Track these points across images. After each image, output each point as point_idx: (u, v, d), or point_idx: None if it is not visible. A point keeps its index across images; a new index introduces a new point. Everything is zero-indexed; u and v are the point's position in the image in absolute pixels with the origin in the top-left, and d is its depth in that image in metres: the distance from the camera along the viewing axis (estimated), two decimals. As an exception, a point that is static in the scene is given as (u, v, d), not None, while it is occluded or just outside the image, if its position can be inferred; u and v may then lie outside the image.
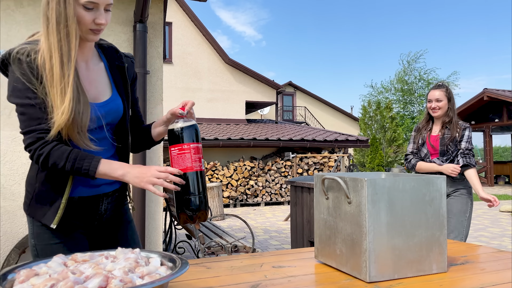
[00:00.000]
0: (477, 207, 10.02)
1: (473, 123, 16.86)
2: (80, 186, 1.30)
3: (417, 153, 3.13)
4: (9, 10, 3.21)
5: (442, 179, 1.10)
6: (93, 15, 1.19)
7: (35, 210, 1.28)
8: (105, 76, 1.35)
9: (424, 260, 1.07)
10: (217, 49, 14.90)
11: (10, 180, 3.21)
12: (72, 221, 1.30)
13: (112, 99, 1.33)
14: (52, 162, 1.16)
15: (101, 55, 1.37)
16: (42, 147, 1.16)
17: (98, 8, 1.19)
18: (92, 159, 1.17)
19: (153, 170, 1.15)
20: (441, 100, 2.98)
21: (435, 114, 2.99)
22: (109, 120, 1.32)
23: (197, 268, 1.16)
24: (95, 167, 1.16)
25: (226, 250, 3.79)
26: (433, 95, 3.02)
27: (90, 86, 1.28)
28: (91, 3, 1.17)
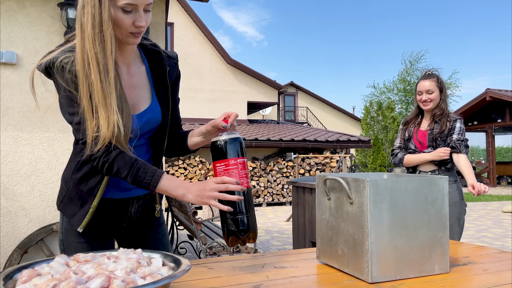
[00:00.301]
0: (479, 208, 10.00)
1: (476, 124, 16.82)
2: (112, 189, 1.28)
3: (405, 148, 2.87)
4: (11, 11, 3.22)
5: (444, 179, 1.09)
6: (132, 18, 1.12)
7: (66, 208, 1.28)
8: (146, 80, 1.29)
9: (426, 261, 1.06)
10: (218, 49, 14.90)
11: (12, 180, 3.21)
12: (101, 222, 1.30)
13: (151, 108, 1.27)
14: (115, 169, 1.13)
15: (143, 57, 1.31)
16: (106, 154, 1.13)
17: (137, 10, 1.12)
18: (154, 173, 1.13)
19: (211, 184, 1.09)
20: (432, 91, 2.69)
21: (426, 107, 2.71)
22: (147, 129, 1.28)
23: (198, 268, 1.16)
24: (156, 182, 1.12)
25: (228, 251, 3.79)
26: (423, 86, 2.72)
27: (130, 92, 1.24)
28: (130, 5, 1.10)
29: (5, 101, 3.20)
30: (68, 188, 1.28)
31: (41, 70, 1.17)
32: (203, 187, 1.09)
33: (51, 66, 1.14)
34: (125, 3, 1.09)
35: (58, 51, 1.16)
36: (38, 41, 3.28)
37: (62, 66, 1.12)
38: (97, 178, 1.23)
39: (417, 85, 2.79)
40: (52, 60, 1.13)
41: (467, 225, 7.61)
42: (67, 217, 1.28)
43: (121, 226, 1.36)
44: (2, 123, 3.19)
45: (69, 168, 1.29)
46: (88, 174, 1.24)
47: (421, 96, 2.72)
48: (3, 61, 3.15)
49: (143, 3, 1.12)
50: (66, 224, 1.30)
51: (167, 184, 1.13)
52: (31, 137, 3.26)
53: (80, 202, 1.26)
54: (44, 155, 3.29)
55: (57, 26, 3.32)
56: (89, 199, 1.25)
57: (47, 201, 3.29)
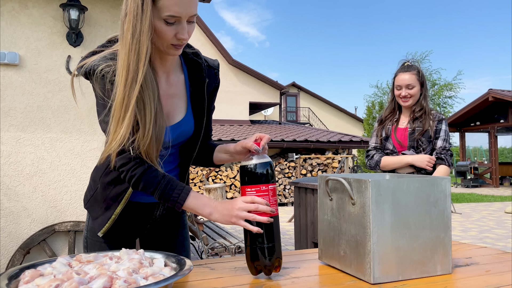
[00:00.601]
0: (482, 208, 9.98)
1: (478, 124, 16.79)
2: (139, 192, 1.27)
3: (381, 149, 2.56)
4: (13, 11, 3.23)
5: (446, 180, 1.09)
6: (175, 30, 1.08)
7: (91, 209, 1.29)
8: (183, 91, 1.26)
9: (428, 262, 1.06)
10: (220, 50, 14.92)
11: (15, 181, 3.22)
12: (126, 224, 1.30)
13: (185, 120, 1.25)
14: (142, 186, 1.11)
15: (183, 66, 1.27)
16: (134, 169, 1.11)
17: (181, 22, 1.08)
18: (181, 190, 1.10)
19: (240, 203, 1.04)
20: (412, 86, 2.38)
21: (406, 103, 2.41)
22: (178, 141, 1.26)
23: (200, 269, 1.16)
24: (183, 200, 1.09)
25: (230, 251, 3.79)
26: (402, 80, 2.39)
27: (166, 101, 1.21)
28: (173, 17, 1.05)
29: (8, 102, 3.21)
30: (96, 189, 1.28)
31: (81, 74, 1.14)
32: (231, 206, 1.06)
33: (91, 73, 1.11)
34: (168, 14, 1.04)
35: (100, 56, 1.12)
36: (40, 42, 3.29)
37: (103, 75, 1.09)
38: (124, 185, 1.23)
39: (395, 78, 2.46)
40: (93, 67, 1.10)
41: (469, 225, 7.60)
42: (91, 217, 1.29)
43: (145, 228, 1.37)
44: (4, 123, 3.20)
45: (99, 169, 1.28)
46: (116, 180, 1.23)
47: (400, 91, 2.41)
48: (5, 62, 3.16)
49: (186, 15, 1.07)
50: (92, 223, 1.31)
51: (194, 202, 1.10)
52: (33, 137, 3.27)
53: (105, 206, 1.26)
54: (46, 155, 3.30)
55: (59, 27, 3.33)
56: (113, 204, 1.24)
57: (49, 201, 3.30)
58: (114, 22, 3.47)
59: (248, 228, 1.03)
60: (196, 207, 1.10)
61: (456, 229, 7.22)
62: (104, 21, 3.45)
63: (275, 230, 1.05)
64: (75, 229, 3.30)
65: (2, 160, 3.19)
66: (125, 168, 1.12)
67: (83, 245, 1.34)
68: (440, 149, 2.37)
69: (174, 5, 1.04)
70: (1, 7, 3.20)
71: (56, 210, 3.32)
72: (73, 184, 3.37)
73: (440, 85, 28.38)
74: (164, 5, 1.03)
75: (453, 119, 17.23)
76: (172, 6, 1.04)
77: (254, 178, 1.04)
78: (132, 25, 1.03)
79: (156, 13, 1.05)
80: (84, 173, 3.39)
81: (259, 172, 1.04)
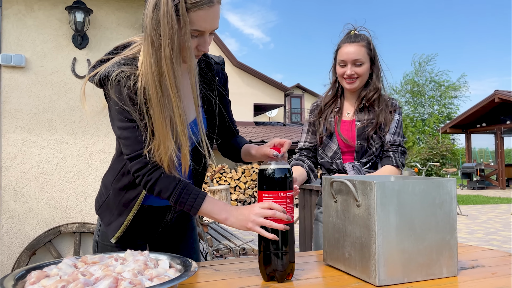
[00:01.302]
0: (488, 210, 9.92)
1: (484, 125, 16.69)
2: (152, 196, 1.28)
3: (313, 151, 1.91)
4: (20, 14, 3.25)
5: (452, 181, 1.09)
6: (197, 42, 1.10)
7: (104, 215, 1.30)
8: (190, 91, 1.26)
9: (434, 264, 1.06)
10: (225, 51, 14.94)
11: (21, 182, 3.24)
12: (137, 228, 1.31)
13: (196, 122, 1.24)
14: (158, 190, 1.11)
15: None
16: (150, 173, 1.11)
17: (203, 35, 1.10)
18: (197, 195, 1.10)
19: (257, 209, 1.04)
20: (361, 62, 1.73)
21: (352, 85, 1.76)
22: (191, 142, 1.24)
23: (205, 270, 1.16)
24: (199, 205, 1.09)
25: (235, 253, 3.79)
26: (347, 53, 1.73)
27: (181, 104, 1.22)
28: (198, 31, 1.07)
29: (14, 104, 3.23)
30: (108, 195, 1.28)
31: (95, 82, 1.15)
32: (247, 211, 1.05)
33: (105, 79, 1.11)
34: (194, 29, 1.06)
35: (112, 62, 1.13)
36: (46, 44, 3.31)
37: (118, 80, 1.10)
38: (136, 191, 1.23)
39: (337, 52, 1.80)
40: (107, 73, 1.11)
41: (476, 228, 7.55)
42: (104, 223, 1.30)
43: (156, 231, 1.37)
44: (10, 125, 3.23)
45: (110, 175, 1.29)
46: (127, 186, 1.24)
47: (343, 68, 1.75)
48: (11, 64, 3.18)
49: (210, 29, 1.09)
50: (104, 228, 1.31)
51: (210, 207, 1.10)
52: (39, 139, 3.29)
53: (117, 212, 1.26)
54: (52, 157, 3.32)
55: (65, 29, 3.35)
56: (125, 210, 1.25)
57: (55, 203, 3.32)
58: (119, 25, 3.49)
59: (263, 235, 1.03)
60: (211, 212, 1.10)
61: (462, 231, 7.18)
62: (109, 23, 3.47)
63: (289, 237, 1.05)
64: (81, 230, 3.31)
65: (8, 162, 3.21)
66: (141, 173, 1.12)
67: (93, 249, 1.33)
68: (388, 144, 1.77)
69: (201, 20, 1.05)
70: (7, 10, 3.22)
71: (61, 212, 3.33)
72: (79, 185, 3.38)
73: (446, 87, 28.22)
74: (192, 20, 1.04)
75: (459, 120, 17.14)
76: (199, 21, 1.05)
77: (272, 184, 1.04)
78: (169, 38, 1.02)
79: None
80: (90, 174, 3.41)
81: (277, 178, 1.04)
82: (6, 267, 3.19)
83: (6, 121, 3.21)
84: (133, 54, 1.15)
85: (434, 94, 28.22)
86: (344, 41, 1.78)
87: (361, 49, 1.74)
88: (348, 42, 1.76)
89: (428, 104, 28.27)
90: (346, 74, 1.75)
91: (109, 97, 1.13)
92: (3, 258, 3.19)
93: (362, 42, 1.75)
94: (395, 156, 1.76)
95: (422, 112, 28.44)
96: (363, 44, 1.75)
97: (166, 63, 1.05)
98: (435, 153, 20.68)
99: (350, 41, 1.76)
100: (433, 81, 28.21)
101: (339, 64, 1.77)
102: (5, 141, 3.21)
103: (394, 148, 1.77)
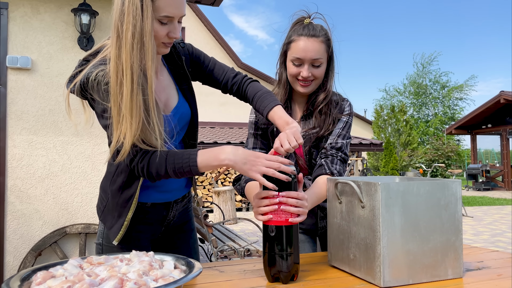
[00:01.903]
0: (494, 212, 9.85)
1: (490, 126, 16.59)
2: (154, 192, 1.31)
3: None
4: (26, 16, 3.28)
5: (457, 183, 1.08)
6: (167, 29, 1.13)
7: (106, 219, 1.31)
8: (170, 79, 1.32)
9: (439, 265, 1.05)
10: (229, 53, 14.97)
11: (27, 183, 3.26)
12: (141, 227, 1.32)
13: (180, 103, 1.30)
14: (155, 171, 1.12)
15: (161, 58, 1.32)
16: (141, 160, 1.13)
17: (173, 22, 1.14)
18: (189, 154, 1.10)
19: (262, 158, 1.04)
20: (320, 62, 1.42)
21: (306, 90, 1.46)
22: (182, 126, 1.31)
23: (210, 271, 1.16)
24: (194, 161, 1.09)
25: (239, 254, 3.79)
26: (304, 50, 1.40)
27: (161, 94, 1.26)
28: (167, 17, 1.11)
29: (20, 106, 3.25)
30: (108, 199, 1.30)
31: (76, 91, 1.16)
32: (252, 158, 1.05)
33: (85, 83, 1.13)
34: (163, 15, 1.09)
35: (89, 66, 1.14)
36: (52, 46, 3.33)
37: (98, 81, 1.11)
38: (131, 189, 1.25)
39: (290, 45, 1.45)
40: (86, 76, 1.12)
41: (481, 229, 7.50)
42: (106, 228, 1.31)
43: (159, 231, 1.38)
44: (17, 127, 3.25)
45: (107, 179, 1.31)
46: (123, 186, 1.25)
47: (299, 68, 1.43)
48: (18, 66, 3.21)
49: (179, 15, 1.13)
50: (107, 232, 1.32)
51: (206, 157, 1.09)
52: (45, 140, 3.31)
53: (117, 214, 1.28)
54: (58, 158, 3.34)
55: (71, 32, 3.37)
56: (124, 211, 1.26)
57: (60, 204, 3.33)
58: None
59: (265, 184, 1.03)
60: (209, 160, 1.09)
61: (467, 233, 7.13)
62: (114, 25, 3.49)
63: (294, 237, 1.05)
64: (86, 231, 3.33)
65: (14, 163, 3.23)
66: (134, 163, 1.14)
67: (97, 252, 1.34)
68: (328, 146, 1.46)
69: (169, 6, 1.09)
70: (14, 12, 3.25)
71: (67, 213, 3.35)
72: (84, 186, 3.40)
73: (450, 88, 28.06)
74: (160, 6, 1.08)
75: (464, 121, 17.05)
76: (167, 7, 1.09)
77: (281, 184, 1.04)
78: (132, 26, 1.06)
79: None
80: (95, 175, 3.42)
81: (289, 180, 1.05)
82: (12, 268, 3.21)
83: (13, 122, 3.23)
84: (107, 55, 1.17)
85: (437, 95, 28.11)
86: (299, 32, 1.42)
87: (321, 46, 1.42)
88: (305, 35, 1.41)
89: (432, 105, 28.17)
90: (301, 76, 1.43)
91: (93, 100, 1.15)
92: (9, 259, 3.21)
93: (321, 37, 1.42)
94: (327, 162, 1.43)
95: (426, 113, 28.35)
96: (322, 40, 1.42)
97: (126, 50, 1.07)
98: (440, 154, 20.59)
99: (309, 34, 1.41)
100: (437, 82, 28.10)
101: (292, 61, 1.43)
102: (12, 143, 3.23)
103: (334, 152, 1.45)
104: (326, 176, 1.36)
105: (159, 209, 1.34)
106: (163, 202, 1.34)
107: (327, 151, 1.46)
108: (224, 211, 8.44)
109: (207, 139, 10.82)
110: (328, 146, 1.46)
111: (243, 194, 1.44)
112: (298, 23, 1.46)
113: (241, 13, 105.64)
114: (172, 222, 1.40)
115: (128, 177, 1.24)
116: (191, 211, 1.49)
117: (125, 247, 1.30)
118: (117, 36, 1.08)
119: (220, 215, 8.25)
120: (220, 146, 1.10)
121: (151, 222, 1.34)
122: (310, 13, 1.48)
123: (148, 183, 1.29)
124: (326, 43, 1.43)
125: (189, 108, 1.32)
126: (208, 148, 1.13)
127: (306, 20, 1.45)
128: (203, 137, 11.05)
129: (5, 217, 3.21)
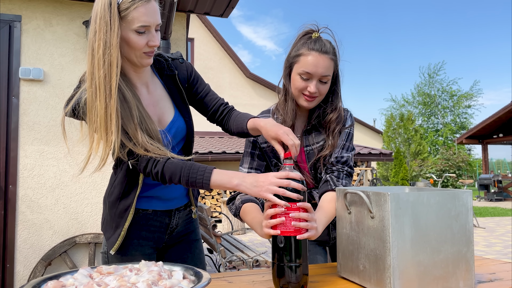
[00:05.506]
0: (507, 223, 9.69)
1: (501, 136, 16.40)
2: (155, 201, 1.33)
3: None
4: (38, 29, 3.34)
5: (468, 193, 1.07)
6: (146, 38, 1.17)
7: (105, 230, 1.34)
8: (164, 92, 1.34)
9: (450, 277, 1.04)
10: (238, 63, 15.06)
11: (38, 193, 3.29)
12: (143, 234, 1.33)
13: (176, 118, 1.32)
14: (168, 177, 1.16)
15: (154, 70, 1.35)
16: (155, 166, 1.17)
17: (150, 30, 1.17)
18: (204, 170, 1.14)
19: (272, 177, 1.05)
20: (327, 79, 1.41)
21: (310, 104, 1.43)
22: (178, 139, 1.34)
23: (218, 282, 1.16)
24: (208, 179, 1.12)
25: (248, 265, 3.77)
26: (315, 65, 1.37)
27: (154, 109, 1.29)
28: (143, 27, 1.14)
29: (32, 116, 3.30)
30: (106, 210, 1.33)
31: (69, 115, 1.23)
32: (262, 179, 1.07)
33: (77, 108, 1.19)
34: (139, 25, 1.13)
35: (81, 90, 1.20)
36: (64, 58, 3.39)
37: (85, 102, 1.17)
38: (128, 201, 1.27)
39: (298, 58, 1.40)
40: (77, 102, 1.18)
41: (494, 240, 7.38)
42: (105, 238, 1.33)
43: (163, 239, 1.39)
44: (28, 137, 3.29)
45: (106, 191, 1.35)
46: (120, 197, 1.28)
47: (306, 83, 1.39)
48: (30, 77, 3.26)
49: (154, 23, 1.17)
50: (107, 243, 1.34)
51: (219, 178, 1.12)
52: (56, 150, 3.35)
53: (114, 224, 1.30)
54: (68, 168, 3.37)
55: (82, 43, 3.43)
56: (121, 221, 1.28)
57: (70, 213, 3.36)
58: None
59: (276, 202, 1.03)
60: (222, 182, 1.12)
61: (479, 244, 7.02)
62: (125, 37, 3.54)
63: (303, 249, 1.05)
64: (95, 241, 3.34)
65: (26, 173, 3.27)
66: (148, 169, 1.17)
67: (103, 261, 1.35)
68: (335, 161, 1.45)
69: (143, 15, 1.13)
70: (27, 25, 3.31)
71: (77, 222, 3.37)
72: (94, 196, 3.42)
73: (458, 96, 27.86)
74: (134, 17, 1.12)
75: (475, 131, 16.88)
76: (142, 16, 1.13)
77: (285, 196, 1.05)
78: (103, 42, 1.11)
79: (126, 26, 1.13)
80: (105, 185, 3.45)
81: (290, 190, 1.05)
82: (22, 278, 3.23)
83: (25, 133, 3.28)
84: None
85: (446, 105, 27.92)
86: (310, 46, 1.39)
87: (331, 64, 1.40)
88: (317, 50, 1.38)
89: (442, 114, 27.97)
90: (308, 91, 1.39)
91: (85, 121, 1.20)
92: (20, 268, 3.23)
93: (331, 54, 1.40)
94: (332, 178, 1.41)
95: (436, 122, 28.14)
96: (332, 57, 1.40)
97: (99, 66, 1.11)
98: (451, 164, 20.37)
99: (320, 50, 1.38)
100: (445, 91, 27.93)
101: (300, 74, 1.39)
102: (23, 153, 3.27)
103: (340, 167, 1.44)
104: (330, 193, 1.37)
105: (161, 217, 1.35)
106: (164, 209, 1.35)
107: (333, 166, 1.45)
108: (233, 221, 8.42)
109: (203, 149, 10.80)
110: (334, 161, 1.45)
111: (238, 214, 1.39)
112: (305, 35, 1.44)
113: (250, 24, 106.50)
114: (176, 231, 1.40)
115: (124, 188, 1.26)
116: (195, 221, 1.50)
117: (128, 254, 1.31)
118: (91, 54, 1.13)
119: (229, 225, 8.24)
120: (234, 172, 1.14)
121: (153, 230, 1.35)
122: (319, 27, 1.45)
123: (149, 193, 1.31)
124: (334, 60, 1.42)
125: (183, 122, 1.35)
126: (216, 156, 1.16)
127: (315, 34, 1.42)
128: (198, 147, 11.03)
129: (16, 226, 3.24)
